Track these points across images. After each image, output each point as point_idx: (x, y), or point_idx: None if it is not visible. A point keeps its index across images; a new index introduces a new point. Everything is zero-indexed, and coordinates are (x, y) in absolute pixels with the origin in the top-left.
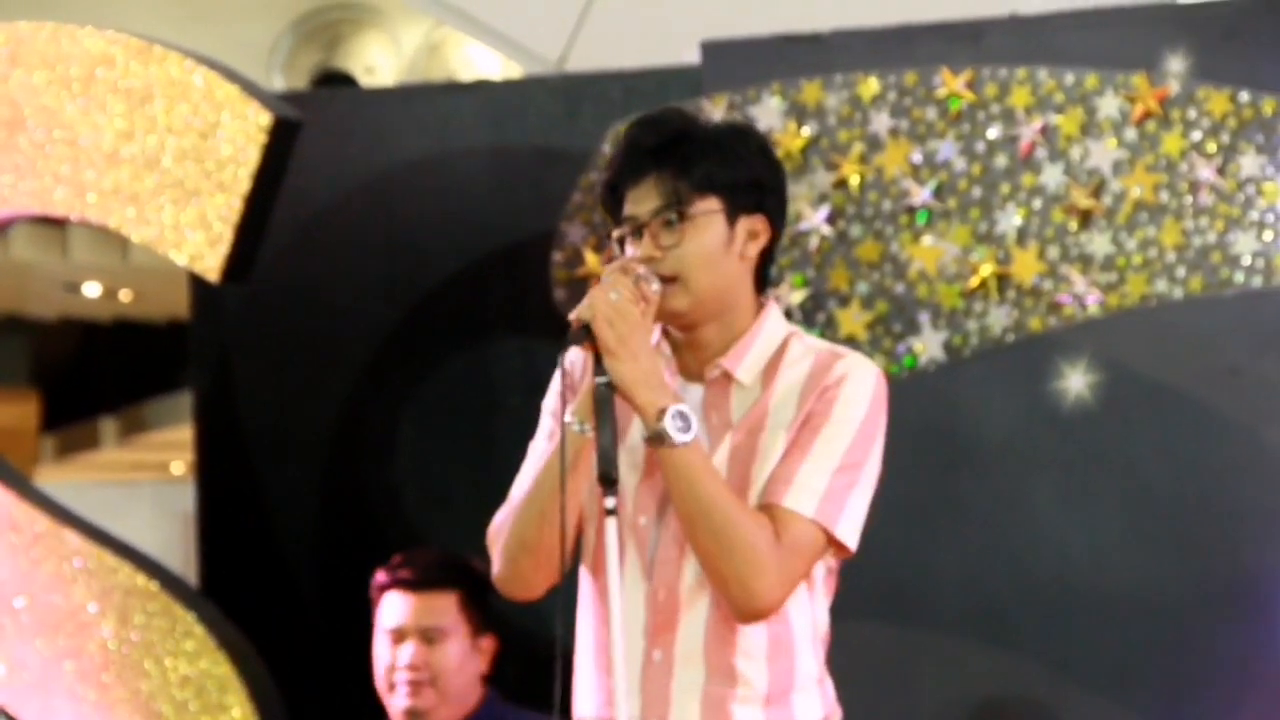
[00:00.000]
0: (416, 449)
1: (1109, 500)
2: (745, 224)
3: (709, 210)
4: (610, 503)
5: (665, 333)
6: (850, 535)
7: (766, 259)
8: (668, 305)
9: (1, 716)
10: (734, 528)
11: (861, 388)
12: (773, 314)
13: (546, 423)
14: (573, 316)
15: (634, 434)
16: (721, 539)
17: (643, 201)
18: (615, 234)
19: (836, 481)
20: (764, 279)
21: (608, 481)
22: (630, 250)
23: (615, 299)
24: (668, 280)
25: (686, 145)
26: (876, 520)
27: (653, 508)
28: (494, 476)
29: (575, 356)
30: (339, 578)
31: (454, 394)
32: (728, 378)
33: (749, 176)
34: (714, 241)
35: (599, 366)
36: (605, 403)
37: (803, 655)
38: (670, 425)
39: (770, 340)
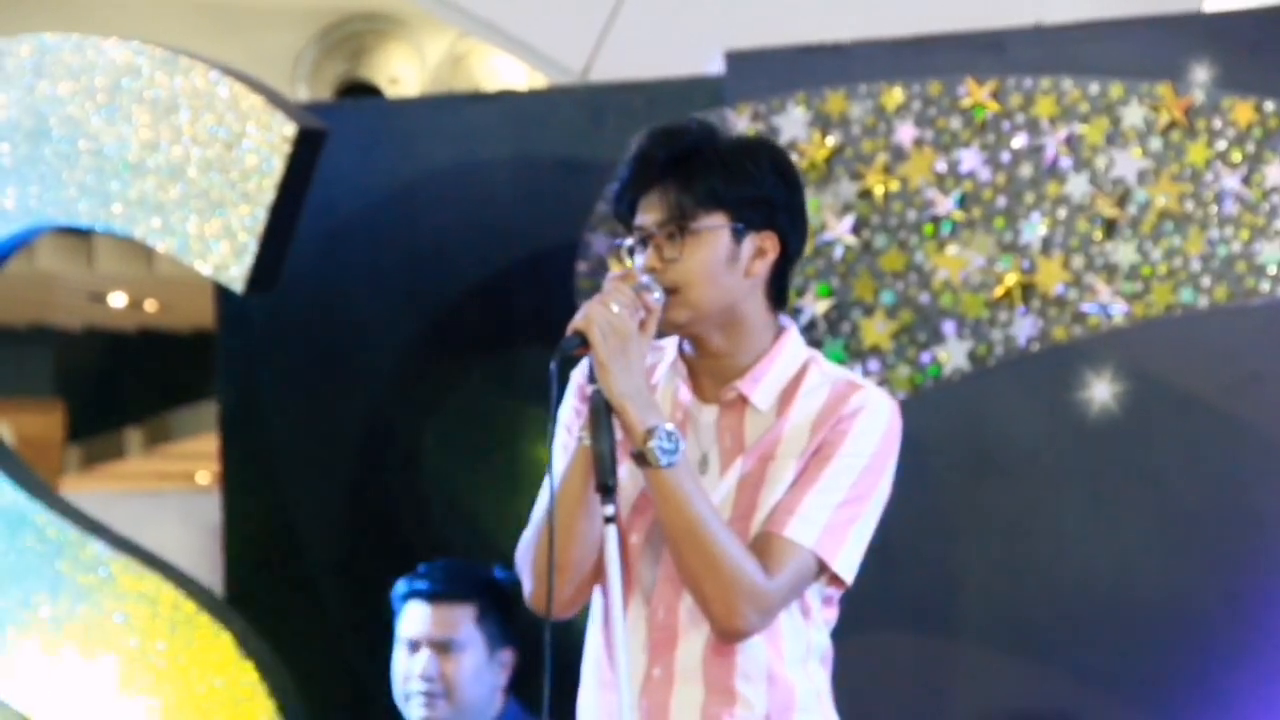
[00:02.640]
0: (441, 459)
1: (1134, 509)
2: (752, 240)
3: (713, 225)
4: (609, 510)
5: (681, 354)
6: (847, 569)
7: (781, 276)
8: (669, 316)
9: None
10: (717, 548)
11: (876, 422)
12: (792, 339)
13: (561, 435)
14: (570, 326)
15: None
16: (705, 559)
17: (649, 212)
18: (626, 242)
19: (839, 515)
20: (781, 296)
21: (605, 490)
22: (638, 259)
23: (616, 311)
24: (669, 291)
25: (695, 160)
26: (901, 529)
27: (649, 526)
28: (519, 486)
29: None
30: (363, 588)
31: (479, 404)
32: (743, 401)
33: (757, 193)
34: (716, 256)
35: (593, 375)
36: (601, 411)
37: (799, 677)
38: (656, 446)
39: (788, 366)
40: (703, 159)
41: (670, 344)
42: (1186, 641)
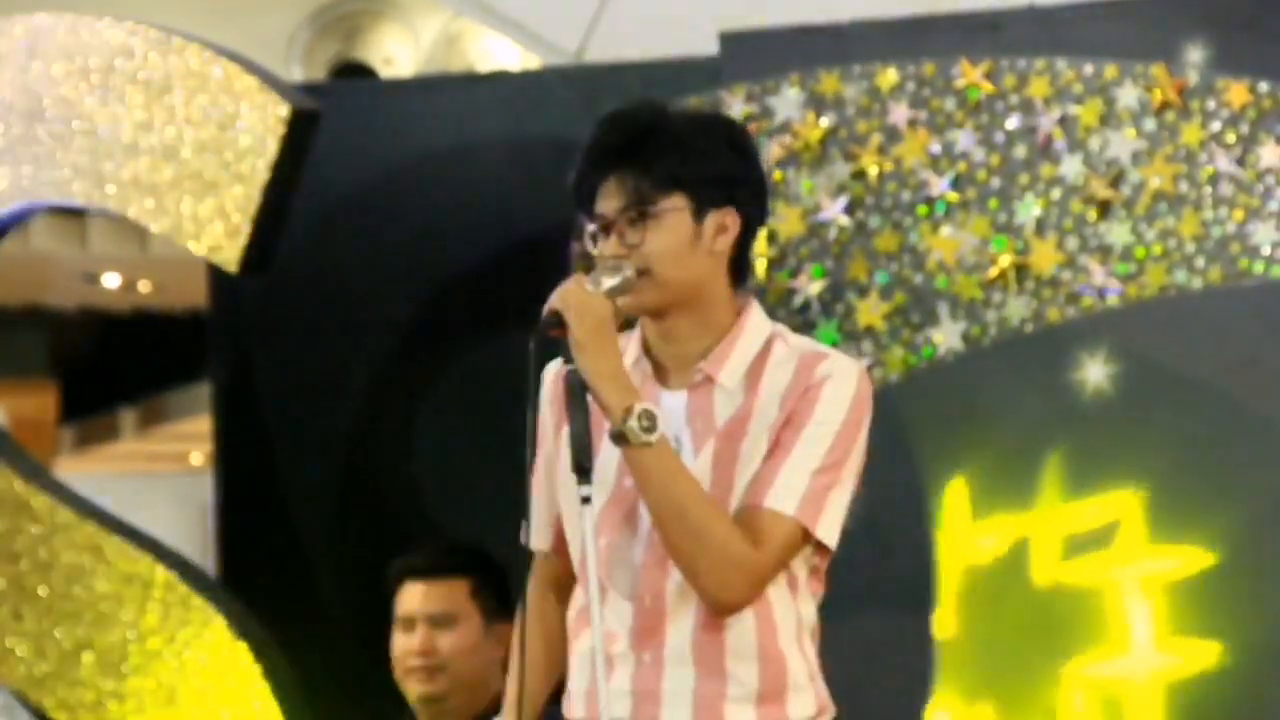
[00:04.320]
0: (435, 440)
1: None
2: (714, 218)
3: (673, 208)
4: (585, 490)
5: (646, 350)
6: (829, 534)
7: (742, 251)
8: (637, 299)
9: (21, 706)
10: (703, 523)
11: (844, 388)
12: (754, 314)
13: (538, 434)
14: (546, 307)
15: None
16: (693, 534)
17: (609, 199)
18: (588, 229)
19: (817, 482)
20: (741, 272)
21: (581, 471)
22: (601, 246)
23: (591, 290)
24: (636, 274)
25: (649, 142)
26: (893, 511)
27: (620, 524)
28: (513, 468)
29: (550, 379)
30: (357, 569)
31: (473, 385)
32: (710, 381)
33: (715, 171)
34: (679, 238)
35: (569, 356)
36: (577, 392)
37: (792, 653)
38: (635, 424)
39: (752, 342)
40: (657, 141)
41: (632, 341)
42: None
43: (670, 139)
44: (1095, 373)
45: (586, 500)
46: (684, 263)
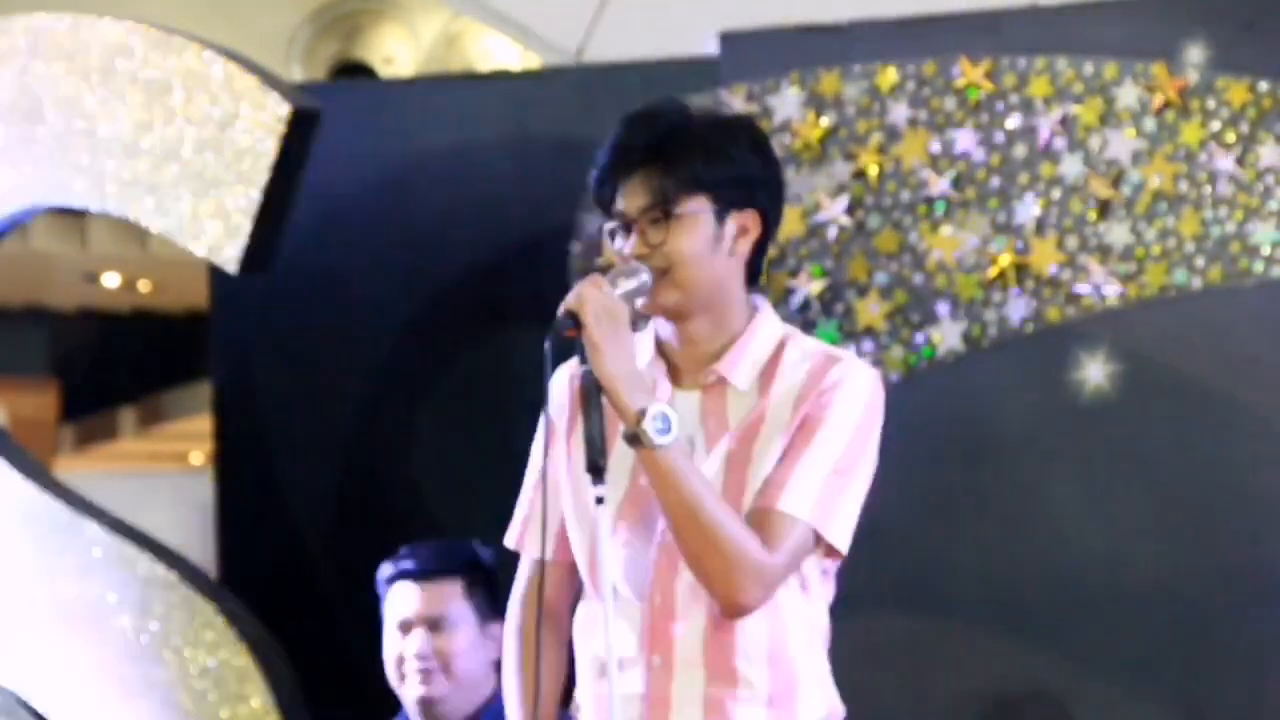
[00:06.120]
0: (435, 440)
1: (1128, 490)
2: (735, 220)
3: (697, 209)
4: (600, 490)
5: (659, 349)
6: (841, 538)
7: (759, 253)
8: (658, 299)
9: (21, 708)
10: (717, 525)
11: (857, 391)
12: (766, 317)
13: (540, 442)
14: (563, 307)
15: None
16: (706, 536)
17: (632, 198)
18: (606, 227)
19: (829, 485)
20: (755, 274)
21: (595, 470)
22: (620, 244)
23: (609, 292)
24: (657, 273)
25: (674, 143)
26: (894, 511)
27: (632, 526)
28: (513, 468)
29: (561, 382)
30: (357, 568)
31: (473, 385)
32: (723, 383)
33: (738, 173)
34: (702, 239)
35: (584, 357)
36: (592, 392)
37: (802, 655)
38: (650, 427)
39: (765, 344)
40: (681, 142)
41: (645, 340)
42: (1180, 622)
43: (695, 140)
44: (1095, 372)
45: (600, 500)
46: (705, 263)
